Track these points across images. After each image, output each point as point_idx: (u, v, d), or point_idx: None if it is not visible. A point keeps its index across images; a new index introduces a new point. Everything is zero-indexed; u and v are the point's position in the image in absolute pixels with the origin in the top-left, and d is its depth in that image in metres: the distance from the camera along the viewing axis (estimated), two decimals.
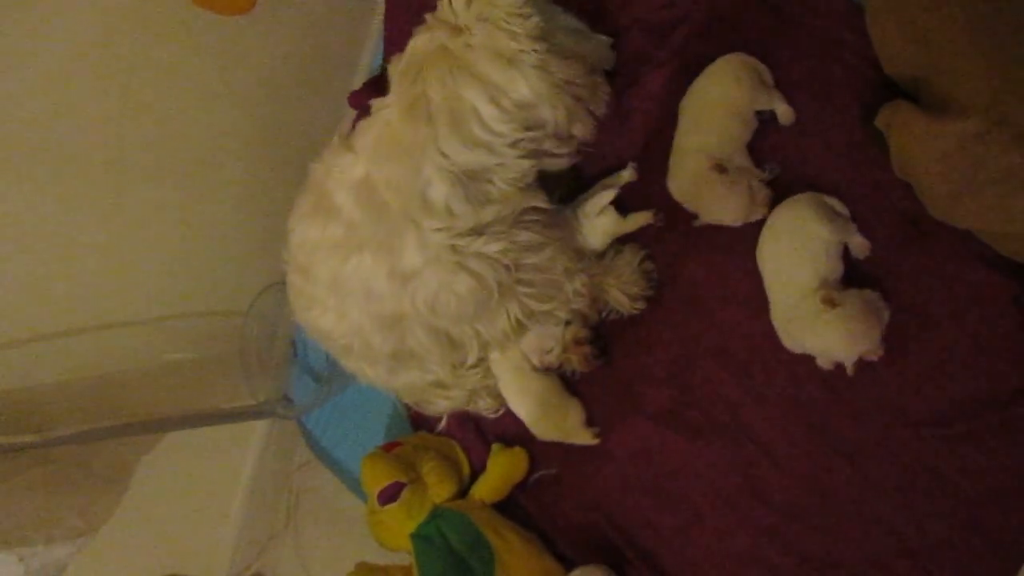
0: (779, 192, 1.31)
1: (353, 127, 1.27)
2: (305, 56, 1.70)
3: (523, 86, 1.12)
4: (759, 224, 1.31)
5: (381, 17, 1.81)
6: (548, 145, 1.22)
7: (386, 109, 1.18)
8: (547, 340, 1.40)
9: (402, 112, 1.14)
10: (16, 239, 1.28)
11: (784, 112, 1.34)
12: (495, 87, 1.12)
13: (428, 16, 1.19)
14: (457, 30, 1.13)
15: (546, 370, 1.45)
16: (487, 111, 1.13)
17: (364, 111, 1.28)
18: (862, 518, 1.24)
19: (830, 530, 1.25)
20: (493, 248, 1.22)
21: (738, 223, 1.33)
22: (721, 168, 1.31)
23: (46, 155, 1.25)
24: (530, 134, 1.17)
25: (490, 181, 1.18)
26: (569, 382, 1.49)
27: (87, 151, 1.31)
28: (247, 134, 1.61)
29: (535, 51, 1.12)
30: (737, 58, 1.34)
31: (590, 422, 1.44)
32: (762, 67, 1.35)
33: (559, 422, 1.45)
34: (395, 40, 1.75)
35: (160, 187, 1.48)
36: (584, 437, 1.43)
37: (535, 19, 1.11)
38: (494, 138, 1.14)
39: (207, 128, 1.51)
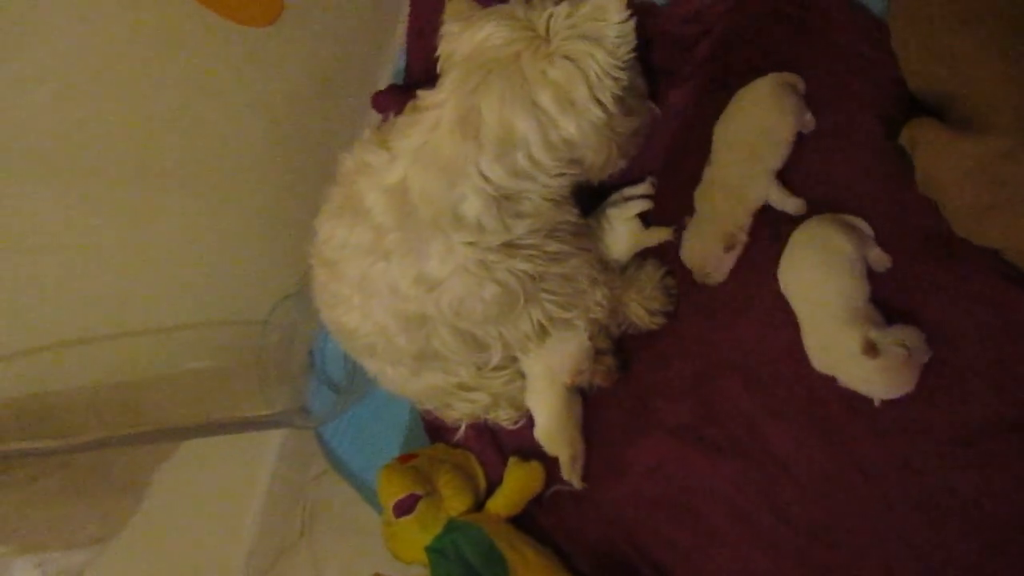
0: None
1: (385, 119, 1.24)
2: (328, 67, 1.71)
3: (575, 131, 1.09)
4: (780, 241, 1.30)
5: (403, 28, 1.82)
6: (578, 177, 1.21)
7: (436, 111, 1.13)
8: (582, 360, 1.40)
9: (451, 124, 1.10)
10: (38, 245, 1.29)
11: (807, 121, 1.34)
12: (550, 121, 1.08)
13: (520, 5, 1.11)
14: (540, 42, 1.07)
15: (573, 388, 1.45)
16: (536, 144, 1.09)
17: (389, 112, 1.25)
18: (884, 537, 1.22)
19: (851, 549, 1.24)
20: (523, 266, 1.21)
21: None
22: (731, 245, 1.33)
23: (72, 164, 1.26)
24: (570, 170, 1.15)
25: (525, 199, 1.16)
26: (587, 396, 1.48)
27: (111, 161, 1.32)
28: (270, 144, 1.62)
29: (604, 112, 1.08)
30: (776, 80, 1.33)
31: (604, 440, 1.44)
32: (798, 80, 1.34)
33: (571, 439, 1.45)
34: (417, 52, 1.76)
35: (182, 196, 1.49)
36: (570, 472, 1.44)
37: (623, 82, 1.08)
38: (536, 169, 1.12)
39: (230, 138, 1.52)
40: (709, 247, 1.35)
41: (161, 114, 1.35)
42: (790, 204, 1.32)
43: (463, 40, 1.11)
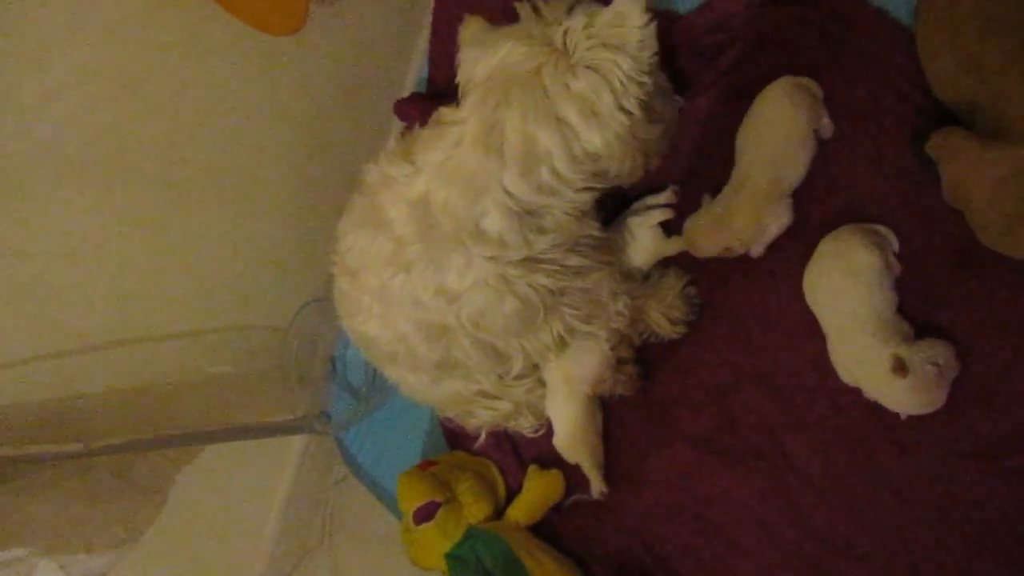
0: (829, 217, 1.30)
1: (408, 128, 1.24)
2: (351, 75, 1.71)
3: (599, 142, 1.07)
4: (804, 252, 1.29)
5: (427, 36, 1.82)
6: (603, 187, 1.19)
7: (459, 126, 1.12)
8: (604, 370, 1.39)
9: (474, 139, 1.09)
10: (64, 251, 1.31)
11: (826, 125, 1.33)
12: (574, 134, 1.06)
13: (536, 23, 1.09)
14: (560, 56, 1.05)
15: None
16: (560, 158, 1.07)
17: (412, 120, 1.25)
18: (908, 551, 1.21)
19: (874, 563, 1.22)
20: (544, 281, 1.21)
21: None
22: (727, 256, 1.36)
23: (98, 171, 1.27)
24: (594, 183, 1.14)
25: (548, 214, 1.15)
26: (608, 404, 1.48)
27: (137, 168, 1.33)
28: (293, 152, 1.63)
29: (630, 120, 1.06)
30: (790, 81, 1.33)
31: (625, 450, 1.43)
32: (813, 84, 1.34)
33: (592, 446, 1.44)
34: (440, 60, 1.77)
35: (207, 203, 1.50)
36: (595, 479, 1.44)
37: (647, 87, 1.06)
38: (559, 183, 1.10)
39: (254, 145, 1.53)
40: (709, 244, 1.37)
41: (187, 122, 1.37)
42: (758, 248, 1.35)
43: (481, 64, 1.10)
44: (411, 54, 1.88)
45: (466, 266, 1.17)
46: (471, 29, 1.15)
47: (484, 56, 1.10)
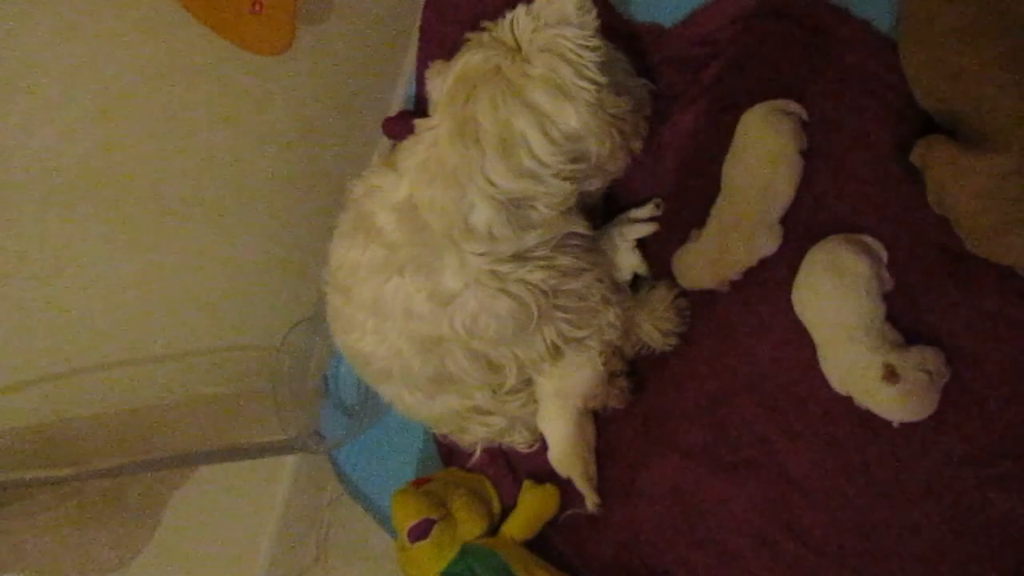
0: (816, 228, 1.30)
1: (393, 147, 1.27)
2: (339, 95, 1.72)
3: (574, 119, 1.10)
4: (792, 262, 1.30)
5: (414, 53, 1.83)
6: (588, 176, 1.21)
7: (433, 130, 1.16)
8: (595, 385, 1.39)
9: (450, 135, 1.12)
10: (53, 273, 1.30)
11: (802, 142, 1.34)
12: (547, 117, 1.09)
13: (484, 33, 1.15)
14: (515, 53, 1.10)
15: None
16: (537, 141, 1.10)
17: (400, 138, 1.28)
18: (903, 560, 1.21)
19: (871, 572, 1.23)
20: (535, 276, 1.21)
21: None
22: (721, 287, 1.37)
23: (86, 193, 1.27)
24: (576, 166, 1.15)
25: (533, 207, 1.17)
26: (600, 417, 1.48)
27: (126, 188, 1.33)
28: (282, 171, 1.63)
29: (595, 87, 1.09)
30: (767, 108, 1.33)
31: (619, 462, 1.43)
32: (791, 104, 1.34)
33: (585, 460, 1.44)
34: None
35: (196, 222, 1.50)
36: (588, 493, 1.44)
37: (601, 52, 1.09)
38: (541, 168, 1.12)
39: (243, 165, 1.53)
40: (706, 280, 1.37)
41: (174, 141, 1.37)
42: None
43: (445, 81, 1.16)
44: (399, 72, 1.89)
45: (459, 266, 1.18)
46: (434, 69, 1.20)
47: (446, 74, 1.15)
